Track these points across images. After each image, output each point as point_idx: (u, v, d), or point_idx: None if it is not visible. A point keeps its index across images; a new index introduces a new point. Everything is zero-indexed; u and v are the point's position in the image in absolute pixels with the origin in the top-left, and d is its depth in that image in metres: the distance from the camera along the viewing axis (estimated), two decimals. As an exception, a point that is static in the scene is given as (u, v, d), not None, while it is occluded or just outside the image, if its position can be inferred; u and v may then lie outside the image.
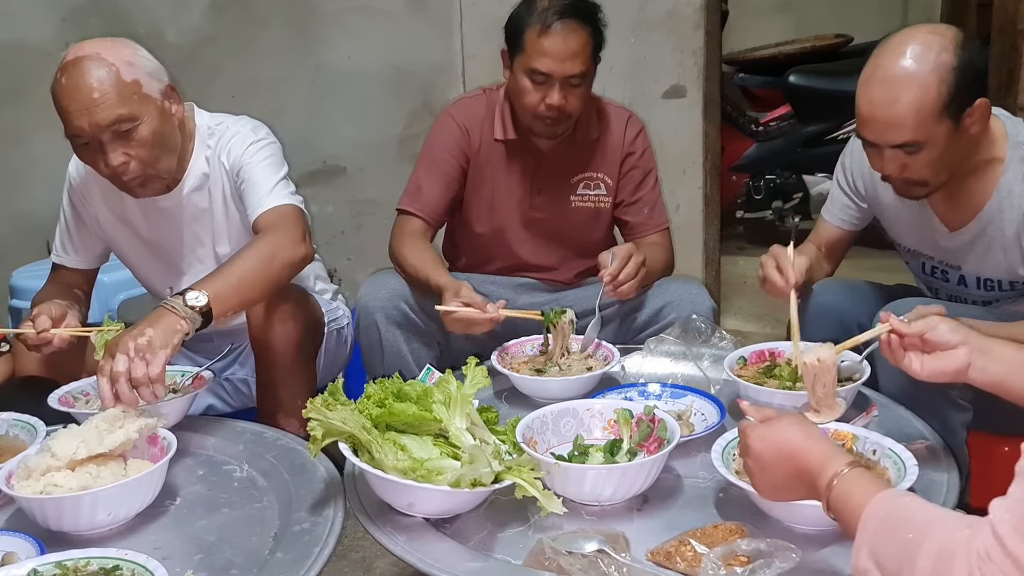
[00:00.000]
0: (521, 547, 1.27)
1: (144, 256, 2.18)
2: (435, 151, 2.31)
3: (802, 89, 4.30)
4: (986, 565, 0.82)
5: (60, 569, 1.20)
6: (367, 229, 3.69)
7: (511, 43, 2.17)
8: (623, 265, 2.01)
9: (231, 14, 3.54)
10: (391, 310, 2.11)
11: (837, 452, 1.13)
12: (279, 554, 1.29)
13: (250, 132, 2.06)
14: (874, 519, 0.98)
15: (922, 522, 0.93)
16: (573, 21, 2.09)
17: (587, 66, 2.13)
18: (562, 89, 2.11)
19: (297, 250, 1.89)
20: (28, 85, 3.38)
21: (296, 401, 1.88)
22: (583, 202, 2.33)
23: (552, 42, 2.08)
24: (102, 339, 1.75)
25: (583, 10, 2.13)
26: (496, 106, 2.30)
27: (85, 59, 1.82)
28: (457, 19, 3.51)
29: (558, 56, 2.08)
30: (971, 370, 1.32)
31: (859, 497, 1.03)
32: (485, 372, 1.46)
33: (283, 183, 2.01)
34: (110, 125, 1.81)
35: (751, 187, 4.60)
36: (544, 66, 2.09)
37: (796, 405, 1.55)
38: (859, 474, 1.07)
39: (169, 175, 1.98)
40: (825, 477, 1.09)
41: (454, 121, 2.31)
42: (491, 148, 2.30)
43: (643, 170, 2.34)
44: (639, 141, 2.34)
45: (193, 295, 1.66)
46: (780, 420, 1.21)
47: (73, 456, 1.39)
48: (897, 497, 1.01)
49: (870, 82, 1.67)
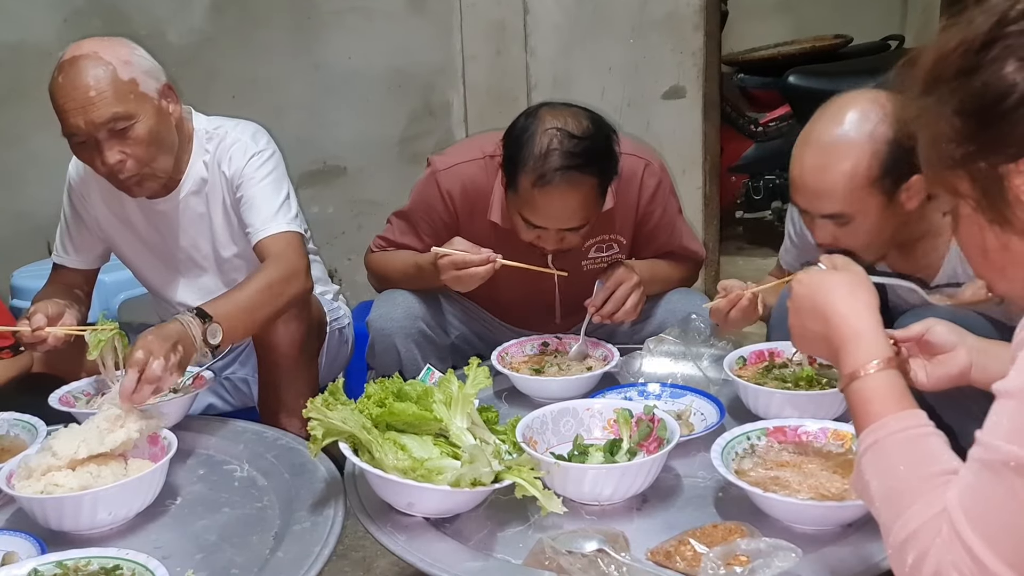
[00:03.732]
0: (521, 546, 1.27)
1: (144, 257, 2.18)
2: (418, 221, 2.11)
3: (801, 90, 4.29)
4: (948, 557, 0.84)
5: (61, 569, 1.21)
6: (367, 229, 3.67)
7: (507, 171, 1.87)
8: (610, 293, 1.92)
9: (231, 15, 3.54)
10: (409, 329, 2.03)
11: (872, 336, 1.09)
12: (279, 553, 1.29)
13: (250, 140, 2.05)
14: (880, 447, 0.98)
15: (918, 479, 0.93)
16: (575, 174, 1.77)
17: (589, 217, 1.87)
18: (559, 234, 1.87)
19: (304, 286, 1.94)
20: (28, 85, 3.37)
21: (298, 401, 1.87)
22: (595, 264, 2.09)
23: (548, 201, 1.79)
24: (96, 338, 1.75)
25: (591, 153, 1.79)
26: (496, 182, 1.99)
27: (82, 58, 1.83)
28: (457, 20, 3.51)
29: (553, 215, 1.83)
30: (973, 370, 1.29)
31: (877, 407, 1.01)
32: (487, 373, 1.47)
33: (286, 206, 2.01)
34: (106, 123, 1.82)
35: (750, 187, 4.60)
36: (537, 221, 1.85)
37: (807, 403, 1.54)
38: (885, 380, 1.04)
39: (166, 174, 1.98)
40: (850, 362, 1.06)
41: (439, 193, 2.04)
42: (488, 224, 2.03)
43: (667, 228, 2.13)
44: (658, 198, 2.07)
45: (212, 331, 1.68)
46: (836, 274, 1.16)
47: (74, 456, 1.39)
48: (906, 435, 0.98)
49: (804, 146, 1.60)
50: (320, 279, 2.35)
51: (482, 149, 2.04)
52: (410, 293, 2.08)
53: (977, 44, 0.91)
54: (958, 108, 0.93)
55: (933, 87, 0.96)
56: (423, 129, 3.59)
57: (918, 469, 0.94)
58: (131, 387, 1.53)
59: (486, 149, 2.02)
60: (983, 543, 0.83)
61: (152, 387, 1.54)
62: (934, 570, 0.86)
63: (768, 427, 1.44)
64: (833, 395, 1.57)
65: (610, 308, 1.93)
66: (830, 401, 1.57)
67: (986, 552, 0.82)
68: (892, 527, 0.92)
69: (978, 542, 0.83)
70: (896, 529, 0.91)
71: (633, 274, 1.97)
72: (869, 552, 1.20)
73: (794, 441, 1.42)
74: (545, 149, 1.77)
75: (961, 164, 0.94)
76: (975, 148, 0.93)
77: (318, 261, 2.38)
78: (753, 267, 4.04)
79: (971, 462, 0.88)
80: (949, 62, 0.94)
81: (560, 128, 1.79)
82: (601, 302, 1.93)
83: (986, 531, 0.83)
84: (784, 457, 1.39)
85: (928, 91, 0.96)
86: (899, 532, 0.91)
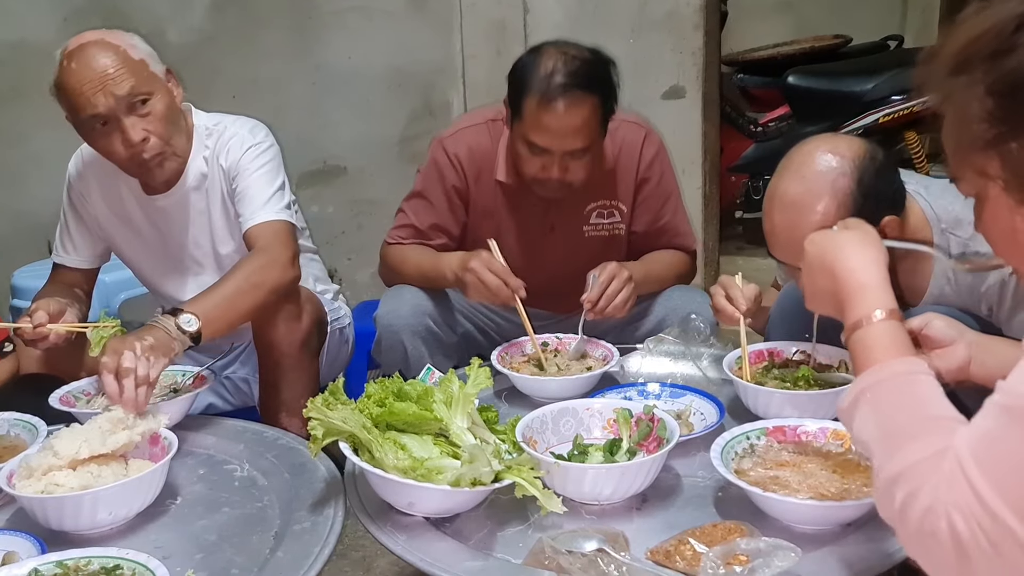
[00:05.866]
0: (521, 546, 1.27)
1: (143, 255, 2.18)
2: (430, 189, 2.17)
3: (801, 89, 4.30)
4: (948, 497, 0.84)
5: (61, 568, 1.21)
6: (367, 229, 3.69)
7: (512, 103, 1.99)
8: (604, 288, 1.93)
9: (231, 14, 3.54)
10: (416, 326, 2.05)
11: (878, 288, 1.10)
12: (279, 553, 1.29)
13: (248, 134, 2.06)
14: (880, 388, 0.99)
15: (917, 420, 0.94)
16: (578, 92, 1.89)
17: (592, 139, 1.96)
18: (563, 161, 1.96)
19: (286, 275, 1.91)
20: (29, 85, 3.37)
21: (299, 401, 1.87)
22: (596, 231, 2.18)
23: (552, 117, 1.90)
24: (98, 335, 1.75)
25: (592, 75, 1.93)
26: (499, 141, 2.12)
27: (90, 44, 1.87)
28: (457, 19, 3.51)
29: (558, 133, 1.92)
30: (972, 364, 1.29)
31: (879, 354, 1.02)
32: (488, 373, 1.47)
33: (278, 195, 2.01)
34: (127, 97, 1.85)
35: (750, 187, 4.60)
36: (542, 141, 1.93)
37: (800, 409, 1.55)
38: (888, 329, 1.05)
39: (184, 154, 2.00)
40: (855, 312, 1.07)
41: (448, 158, 2.14)
42: (494, 187, 2.14)
43: (662, 197, 2.19)
44: (656, 165, 2.17)
45: (185, 319, 1.68)
46: (846, 232, 1.17)
47: (75, 456, 1.39)
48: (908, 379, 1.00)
49: (771, 203, 1.61)
50: (320, 279, 2.36)
51: (484, 116, 2.17)
52: (418, 290, 2.11)
53: (1012, 26, 0.91)
54: (990, 88, 0.93)
55: (964, 67, 0.95)
56: (423, 129, 3.59)
57: (918, 411, 0.95)
58: (115, 392, 1.52)
59: (487, 115, 2.16)
60: (991, 487, 0.82)
61: (132, 381, 1.52)
62: (926, 507, 0.85)
63: (768, 427, 1.44)
64: (833, 395, 1.57)
65: (602, 304, 1.94)
66: (830, 401, 1.57)
67: (993, 496, 0.82)
68: (884, 464, 0.92)
69: (986, 486, 0.82)
70: (889, 466, 0.91)
71: (624, 270, 1.98)
72: (869, 551, 1.20)
73: (794, 441, 1.42)
74: (550, 70, 1.90)
75: (992, 145, 0.94)
76: (1007, 129, 0.93)
77: (317, 261, 2.38)
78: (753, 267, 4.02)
79: (989, 407, 0.87)
80: (982, 43, 0.94)
81: (563, 53, 1.93)
82: (596, 297, 1.94)
83: (996, 475, 0.82)
84: (784, 457, 1.39)
85: (958, 71, 0.96)
86: (891, 468, 0.91)
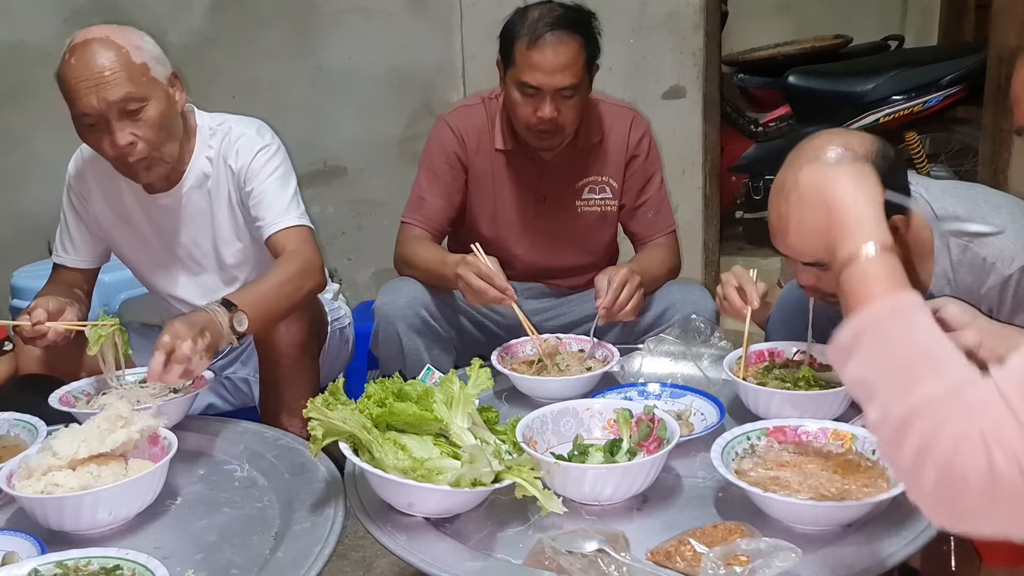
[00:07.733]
0: (521, 546, 1.27)
1: (143, 254, 2.18)
2: (434, 160, 2.29)
3: (801, 90, 4.29)
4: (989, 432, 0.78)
5: (61, 569, 1.21)
6: (367, 229, 3.69)
7: (504, 54, 2.14)
8: (618, 293, 1.96)
9: (231, 14, 3.54)
10: (412, 318, 2.09)
11: (873, 223, 1.01)
12: (280, 553, 1.29)
13: (256, 135, 2.05)
14: (885, 324, 0.91)
15: (928, 356, 0.87)
16: (563, 32, 2.05)
17: (579, 77, 2.08)
18: (553, 101, 2.07)
19: (321, 280, 1.98)
20: (29, 85, 3.39)
21: (299, 401, 1.86)
22: (589, 207, 2.30)
23: (541, 55, 2.04)
24: (96, 334, 1.76)
25: (575, 20, 2.09)
26: (495, 115, 2.27)
27: (94, 41, 1.85)
28: (457, 20, 3.51)
29: (547, 69, 2.04)
30: (982, 350, 1.27)
31: (877, 289, 0.94)
32: (488, 374, 1.47)
33: (295, 200, 2.04)
34: (119, 102, 1.83)
35: (751, 187, 4.59)
36: (534, 79, 2.05)
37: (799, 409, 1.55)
38: (884, 263, 0.97)
39: (173, 160, 1.98)
40: (848, 246, 0.99)
41: (450, 129, 2.28)
42: (491, 157, 2.27)
43: (647, 173, 2.31)
44: (644, 143, 2.30)
45: (238, 319, 1.71)
46: (842, 166, 1.08)
47: (75, 456, 1.39)
48: (914, 314, 0.92)
49: (778, 195, 1.55)
50: (320, 279, 2.36)
51: (480, 95, 2.34)
52: (416, 282, 2.14)
53: None
54: None
55: None
56: (423, 129, 3.56)
57: (929, 346, 0.87)
58: (159, 368, 1.55)
59: (483, 95, 2.33)
60: None
61: (182, 368, 1.56)
62: (956, 441, 0.79)
63: (768, 427, 1.44)
64: (833, 395, 1.57)
65: (615, 309, 1.97)
66: (830, 401, 1.58)
67: None
68: (893, 402, 0.85)
69: None
70: (901, 403, 0.84)
71: (636, 275, 2.01)
72: (869, 552, 1.20)
73: (794, 441, 1.42)
74: (536, 16, 2.08)
75: None
76: None
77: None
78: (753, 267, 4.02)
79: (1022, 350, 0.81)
80: None
81: (547, 4, 2.13)
82: (611, 303, 1.96)
83: None
84: (784, 457, 1.39)
85: None
86: (905, 405, 0.84)
